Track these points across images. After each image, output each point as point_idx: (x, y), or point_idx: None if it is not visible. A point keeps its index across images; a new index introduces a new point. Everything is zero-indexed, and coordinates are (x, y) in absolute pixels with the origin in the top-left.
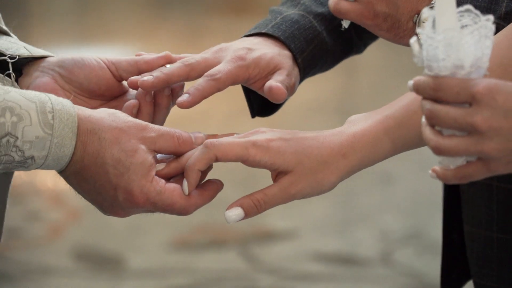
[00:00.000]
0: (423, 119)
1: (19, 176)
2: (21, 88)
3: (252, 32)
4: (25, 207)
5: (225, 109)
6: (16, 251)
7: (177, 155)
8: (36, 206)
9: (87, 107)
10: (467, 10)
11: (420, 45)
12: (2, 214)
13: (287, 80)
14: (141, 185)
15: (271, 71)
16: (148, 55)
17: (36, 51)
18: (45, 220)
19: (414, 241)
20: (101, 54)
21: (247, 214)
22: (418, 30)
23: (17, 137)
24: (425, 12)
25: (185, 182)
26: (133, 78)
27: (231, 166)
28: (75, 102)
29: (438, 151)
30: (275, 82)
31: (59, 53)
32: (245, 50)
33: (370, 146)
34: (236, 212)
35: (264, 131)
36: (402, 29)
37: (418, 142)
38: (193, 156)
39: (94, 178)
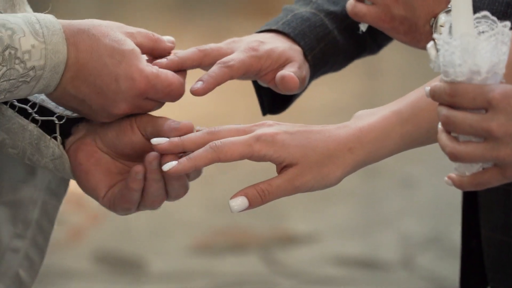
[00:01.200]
0: (439, 125)
1: None
2: (67, 147)
3: (263, 29)
4: None
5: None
6: None
7: (153, 54)
8: None
9: (127, 169)
10: (484, 16)
11: (437, 50)
12: (49, 234)
13: (299, 72)
14: (140, 68)
15: (283, 64)
16: (172, 123)
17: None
18: (66, 223)
19: (435, 245)
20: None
21: (251, 204)
22: (434, 35)
23: (16, 48)
24: (442, 18)
25: (173, 163)
26: (147, 61)
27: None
28: (114, 165)
29: (454, 157)
30: (288, 72)
31: None
32: (258, 43)
33: (376, 141)
34: (240, 201)
35: (270, 124)
36: (419, 32)
37: (425, 139)
38: (196, 153)
39: (93, 75)
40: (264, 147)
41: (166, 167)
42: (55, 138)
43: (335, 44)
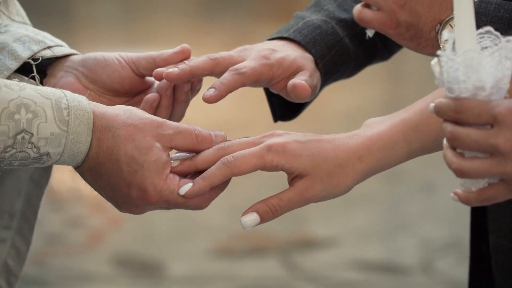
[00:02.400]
0: (445, 141)
1: (61, 182)
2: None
3: (274, 36)
4: (66, 214)
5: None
6: (57, 258)
7: (196, 152)
8: (77, 212)
9: (112, 105)
10: (487, 32)
11: (441, 67)
12: (33, 224)
13: (310, 80)
14: (155, 183)
15: (294, 72)
16: (166, 52)
17: (59, 50)
18: (86, 226)
19: (455, 249)
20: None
21: (263, 219)
22: (438, 52)
23: (32, 134)
24: (445, 34)
25: (189, 185)
26: (158, 70)
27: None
28: (100, 101)
29: (460, 173)
30: (299, 80)
31: None
32: (269, 51)
33: (386, 150)
34: (252, 218)
35: (280, 134)
36: (425, 38)
37: (434, 146)
38: (209, 171)
39: (108, 175)
40: (276, 157)
41: (182, 190)
42: (33, 78)
43: (346, 52)
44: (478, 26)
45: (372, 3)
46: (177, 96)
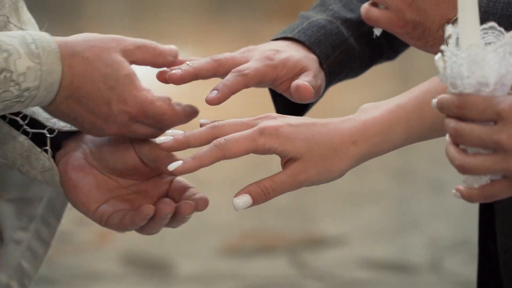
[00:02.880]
0: (447, 137)
1: None
2: (56, 160)
3: (278, 36)
4: (74, 212)
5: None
6: (65, 256)
7: (154, 67)
8: None
9: (118, 185)
10: (491, 27)
11: (445, 62)
12: (55, 228)
13: (314, 81)
14: (134, 94)
15: (298, 73)
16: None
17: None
18: (95, 225)
19: (464, 248)
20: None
21: (255, 201)
22: (442, 47)
23: (12, 71)
24: (449, 29)
25: (179, 162)
26: (162, 70)
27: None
28: (102, 179)
29: (463, 170)
30: (302, 81)
31: None
32: (273, 51)
33: (380, 135)
34: (244, 199)
35: (274, 117)
36: (432, 37)
37: (430, 133)
38: (201, 152)
39: (86, 98)
40: (269, 140)
41: (172, 166)
42: (46, 151)
43: (351, 52)
44: (483, 21)
45: (380, 1)
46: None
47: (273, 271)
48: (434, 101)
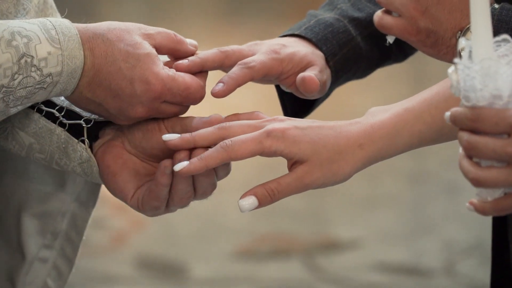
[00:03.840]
0: (460, 150)
1: None
2: (95, 150)
3: (286, 33)
4: None
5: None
6: (79, 259)
7: (174, 55)
8: (100, 214)
9: (155, 170)
10: (504, 40)
11: (458, 75)
12: (78, 246)
13: (319, 75)
14: (155, 72)
15: (304, 67)
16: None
17: None
18: (109, 228)
19: (478, 252)
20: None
21: (261, 203)
22: (455, 60)
23: (32, 56)
24: (462, 42)
25: (185, 163)
26: (169, 61)
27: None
28: (142, 166)
29: (476, 183)
30: (309, 73)
31: None
32: (280, 46)
33: (387, 138)
34: (250, 201)
35: (281, 119)
36: (445, 45)
37: (438, 137)
38: (207, 153)
39: (108, 80)
40: (275, 142)
41: (178, 167)
42: (83, 141)
43: (358, 51)
44: (498, 33)
45: (393, 9)
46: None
47: (287, 274)
48: (447, 114)
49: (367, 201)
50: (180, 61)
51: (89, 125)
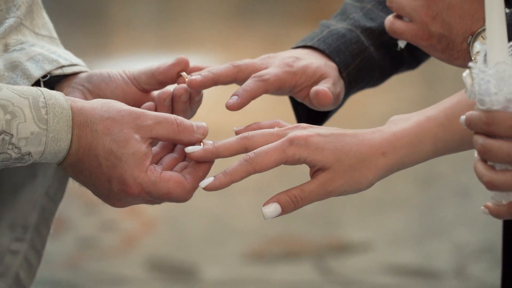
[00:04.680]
0: (475, 154)
1: None
2: None
3: (298, 45)
4: (99, 217)
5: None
6: (90, 261)
7: (178, 143)
8: (110, 216)
9: None
10: None
11: (473, 79)
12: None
13: (333, 88)
14: (135, 175)
15: (317, 80)
16: (163, 65)
17: (70, 69)
18: (120, 230)
19: (488, 254)
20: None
21: (284, 210)
22: (470, 64)
23: (12, 135)
24: (477, 46)
25: (210, 179)
26: (181, 78)
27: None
28: None
29: (491, 186)
30: (322, 87)
31: (140, 60)
32: (293, 59)
33: (410, 147)
34: (273, 208)
35: (304, 127)
36: (456, 50)
37: (459, 145)
38: (232, 167)
39: (89, 171)
40: (298, 150)
41: (203, 183)
42: None
43: (371, 61)
44: (511, 37)
45: (404, 14)
46: (174, 106)
47: (298, 276)
48: (463, 117)
49: (378, 204)
50: (194, 77)
51: (45, 79)
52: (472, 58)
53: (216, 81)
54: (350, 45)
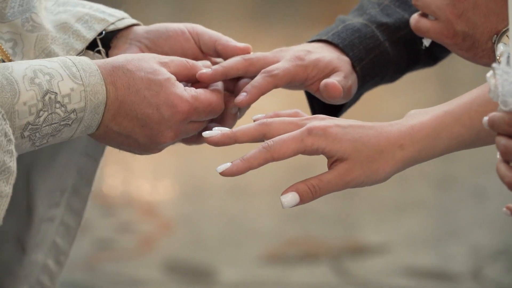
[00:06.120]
0: (498, 155)
1: (112, 187)
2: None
3: (313, 39)
4: (117, 219)
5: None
6: (107, 263)
7: (189, 81)
8: (127, 217)
9: None
10: None
11: (496, 80)
12: (86, 197)
13: (344, 81)
14: (179, 94)
15: (329, 73)
16: (230, 42)
17: (121, 23)
18: (137, 232)
19: (506, 256)
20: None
21: (302, 199)
22: (493, 65)
23: (56, 93)
24: (501, 48)
25: (227, 164)
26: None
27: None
28: None
29: None
30: (331, 80)
31: None
32: (305, 52)
33: (427, 140)
34: (291, 197)
35: (322, 118)
36: (481, 48)
37: (476, 140)
38: (250, 154)
39: (134, 110)
40: (317, 140)
41: (220, 168)
42: (99, 52)
43: (386, 56)
44: None
45: (430, 12)
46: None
47: (316, 278)
48: (485, 118)
49: (395, 206)
50: (204, 70)
51: (101, 36)
52: (497, 58)
53: (226, 74)
54: (364, 39)
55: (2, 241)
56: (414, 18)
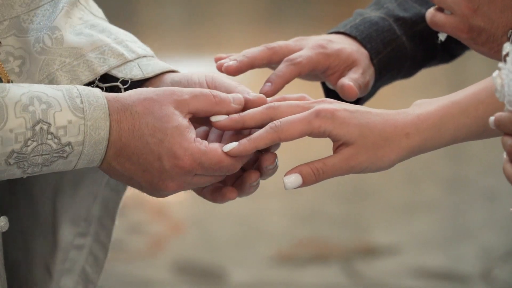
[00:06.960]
0: (504, 155)
1: None
2: None
3: (332, 31)
4: (127, 220)
5: None
6: (117, 264)
7: (216, 114)
8: (138, 218)
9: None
10: None
11: (502, 79)
12: (111, 231)
13: (361, 78)
14: (184, 146)
15: (349, 66)
16: (245, 94)
17: (150, 70)
18: (147, 233)
19: None
20: (210, 67)
21: (305, 182)
22: (499, 64)
23: (49, 124)
24: (507, 47)
25: (234, 144)
26: (220, 62)
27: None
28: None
29: None
30: (348, 81)
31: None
32: (326, 41)
33: (433, 130)
34: (294, 179)
35: (330, 101)
36: (497, 43)
37: (482, 132)
38: (256, 133)
39: (136, 154)
40: (324, 123)
41: (227, 148)
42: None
43: (403, 50)
44: None
45: (446, 7)
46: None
47: (326, 279)
48: (492, 118)
49: (406, 207)
50: (230, 62)
51: (126, 86)
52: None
53: (251, 65)
54: (382, 33)
55: (32, 264)
56: (430, 12)
